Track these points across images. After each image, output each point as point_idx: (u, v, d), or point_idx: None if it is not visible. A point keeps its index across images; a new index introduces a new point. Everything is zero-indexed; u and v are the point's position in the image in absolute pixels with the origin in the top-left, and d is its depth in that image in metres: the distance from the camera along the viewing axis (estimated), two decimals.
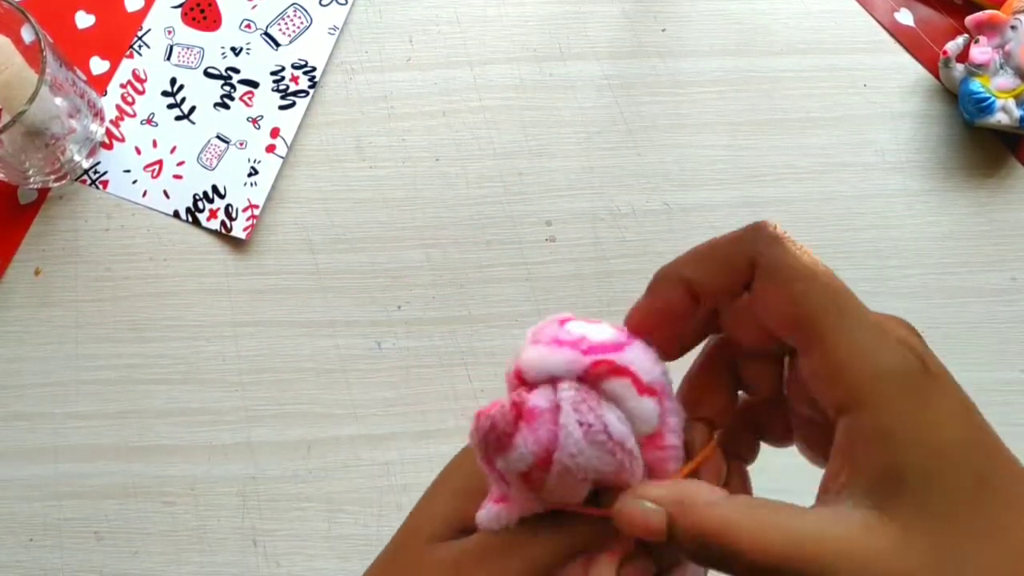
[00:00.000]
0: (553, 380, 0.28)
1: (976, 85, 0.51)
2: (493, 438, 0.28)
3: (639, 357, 0.28)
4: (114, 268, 0.50)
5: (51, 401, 0.48)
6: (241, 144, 0.52)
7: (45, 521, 0.47)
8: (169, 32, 0.54)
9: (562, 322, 0.29)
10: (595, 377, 0.28)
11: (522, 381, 0.28)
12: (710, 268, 0.27)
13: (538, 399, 0.28)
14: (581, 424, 0.27)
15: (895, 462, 0.25)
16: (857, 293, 0.54)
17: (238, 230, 0.50)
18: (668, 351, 0.29)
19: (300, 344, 0.49)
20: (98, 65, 0.53)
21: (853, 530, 0.24)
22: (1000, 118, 0.50)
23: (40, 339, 0.49)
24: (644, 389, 0.28)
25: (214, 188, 0.51)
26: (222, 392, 0.49)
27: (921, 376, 0.25)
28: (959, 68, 0.52)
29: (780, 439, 0.32)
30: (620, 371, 0.28)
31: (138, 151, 0.52)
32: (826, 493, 0.26)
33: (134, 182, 0.51)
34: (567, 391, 0.28)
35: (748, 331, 0.29)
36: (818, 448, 0.30)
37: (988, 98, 0.50)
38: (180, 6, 0.54)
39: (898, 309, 0.53)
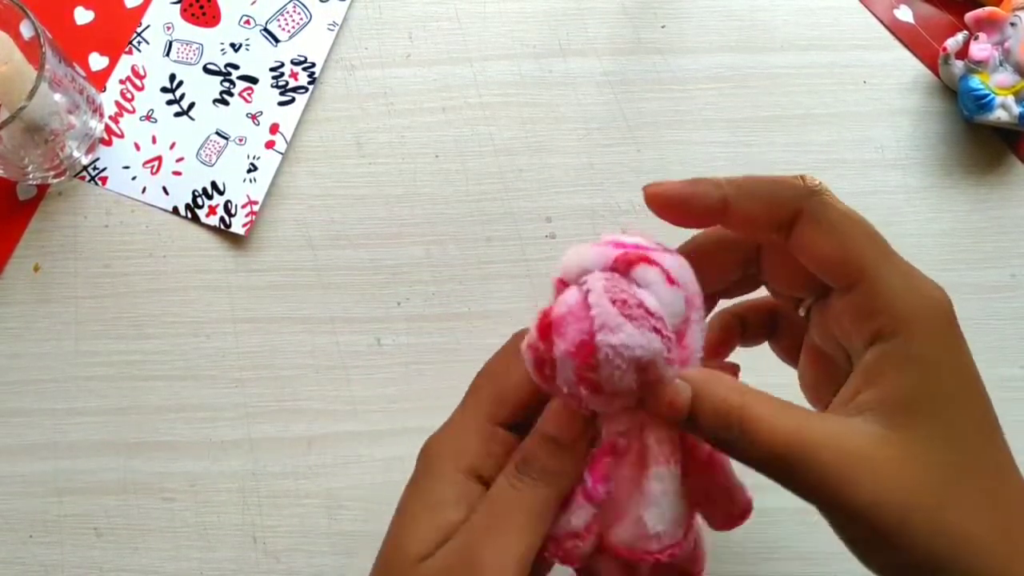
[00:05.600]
0: (587, 275, 0.28)
1: (975, 82, 0.51)
2: (539, 366, 0.28)
3: (670, 258, 0.28)
4: (113, 264, 0.50)
5: (51, 397, 0.48)
6: (240, 140, 0.52)
7: (45, 518, 0.47)
8: (168, 28, 0.54)
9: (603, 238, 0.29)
10: (625, 265, 0.28)
11: (564, 284, 0.29)
12: (753, 198, 0.29)
13: (566, 297, 0.28)
14: (615, 302, 0.27)
15: (920, 387, 0.27)
16: None
17: (237, 226, 0.50)
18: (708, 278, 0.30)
19: (300, 340, 0.49)
20: (97, 61, 0.53)
21: (864, 438, 0.26)
22: (999, 115, 0.50)
23: (39, 335, 0.49)
24: (673, 281, 0.28)
25: (213, 184, 0.51)
26: (222, 388, 0.49)
27: (953, 318, 0.28)
28: (958, 65, 0.52)
29: (784, 352, 0.35)
30: (649, 260, 0.28)
31: (137, 147, 0.52)
32: (840, 407, 0.28)
33: (133, 178, 0.51)
34: (596, 279, 0.27)
35: (783, 278, 0.32)
36: (821, 373, 0.32)
37: (987, 95, 0.50)
38: (179, 2, 0.54)
39: None
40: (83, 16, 0.54)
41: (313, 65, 0.53)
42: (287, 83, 0.53)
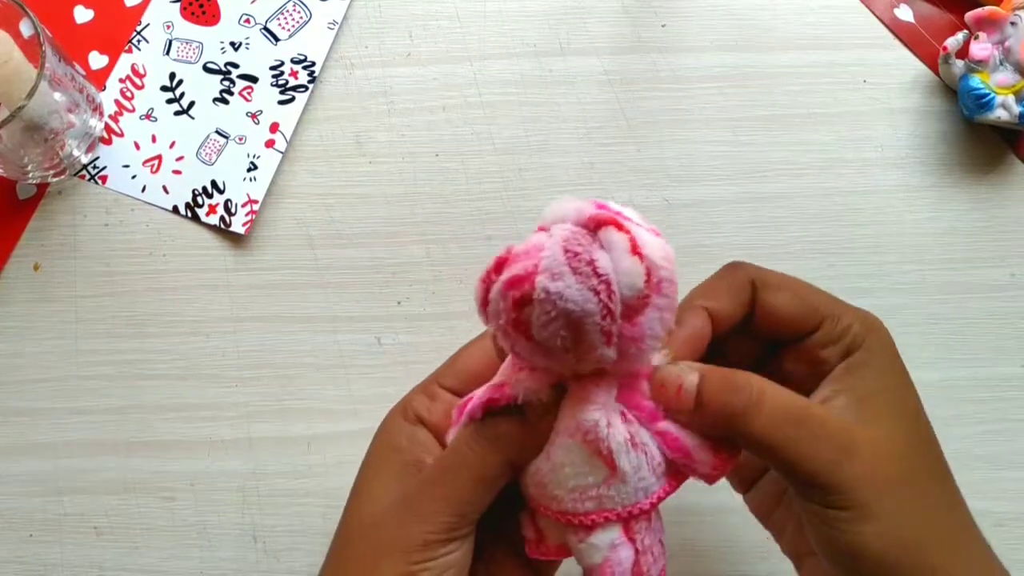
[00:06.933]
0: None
1: (976, 81, 0.51)
2: (483, 300, 0.28)
3: (649, 236, 0.27)
4: (113, 263, 0.50)
5: (51, 396, 0.48)
6: (240, 139, 0.52)
7: (45, 516, 0.47)
8: (168, 27, 0.54)
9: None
10: (595, 224, 0.27)
11: (543, 230, 0.28)
12: (720, 294, 0.33)
13: (531, 238, 0.27)
14: (567, 252, 0.26)
15: (878, 386, 0.32)
16: (856, 289, 0.55)
17: (237, 225, 0.50)
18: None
19: (300, 340, 0.49)
20: (97, 60, 0.53)
21: (846, 423, 0.30)
22: (999, 114, 0.50)
23: (39, 334, 0.49)
24: (638, 253, 0.26)
25: (213, 183, 0.51)
26: (222, 387, 0.49)
27: (891, 339, 0.33)
28: (959, 64, 0.52)
29: (759, 509, 0.38)
30: (621, 227, 0.27)
31: (137, 146, 0.52)
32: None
33: (133, 177, 0.51)
34: (561, 228, 0.27)
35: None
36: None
37: (988, 94, 0.50)
38: (179, 0, 0.54)
39: (897, 305, 0.53)
40: (83, 15, 0.54)
41: (313, 64, 0.53)
42: (287, 82, 0.53)
